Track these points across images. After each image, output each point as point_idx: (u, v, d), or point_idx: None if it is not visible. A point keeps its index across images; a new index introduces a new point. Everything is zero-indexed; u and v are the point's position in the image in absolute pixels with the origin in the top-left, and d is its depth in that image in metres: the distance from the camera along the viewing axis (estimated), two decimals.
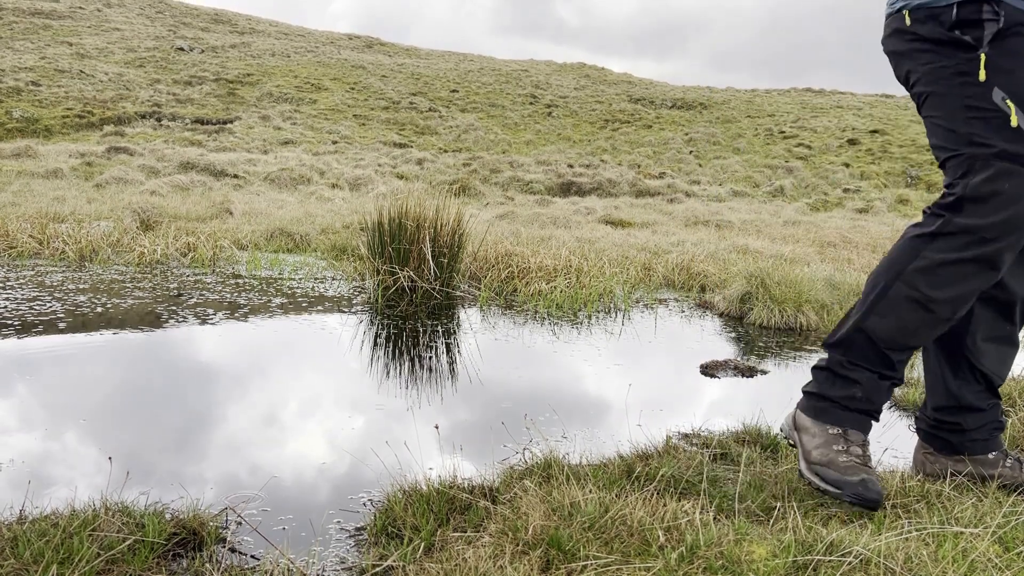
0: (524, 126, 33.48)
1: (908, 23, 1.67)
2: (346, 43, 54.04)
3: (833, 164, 25.60)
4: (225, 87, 34.94)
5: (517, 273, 4.82)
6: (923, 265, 1.63)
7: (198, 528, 1.50)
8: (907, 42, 1.69)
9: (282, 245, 6.25)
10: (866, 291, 1.75)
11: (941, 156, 1.66)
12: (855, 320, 1.73)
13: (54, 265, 4.76)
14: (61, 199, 8.28)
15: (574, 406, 2.49)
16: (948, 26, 1.59)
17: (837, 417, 1.72)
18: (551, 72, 47.73)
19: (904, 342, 1.69)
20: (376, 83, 39.12)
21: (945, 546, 1.41)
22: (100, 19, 46.63)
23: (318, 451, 2.03)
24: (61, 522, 1.42)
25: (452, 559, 1.37)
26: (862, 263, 6.66)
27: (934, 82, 1.63)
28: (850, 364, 1.72)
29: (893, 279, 1.68)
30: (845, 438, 1.68)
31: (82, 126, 26.39)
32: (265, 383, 2.63)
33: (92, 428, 2.11)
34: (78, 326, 3.23)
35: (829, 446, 1.67)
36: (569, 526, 1.47)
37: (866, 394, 1.70)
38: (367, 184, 15.19)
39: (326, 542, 1.52)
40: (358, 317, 3.72)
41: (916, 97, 1.72)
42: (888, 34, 1.78)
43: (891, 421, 2.46)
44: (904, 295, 1.65)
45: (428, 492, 1.63)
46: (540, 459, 1.85)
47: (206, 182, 12.71)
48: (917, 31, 1.65)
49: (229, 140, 24.78)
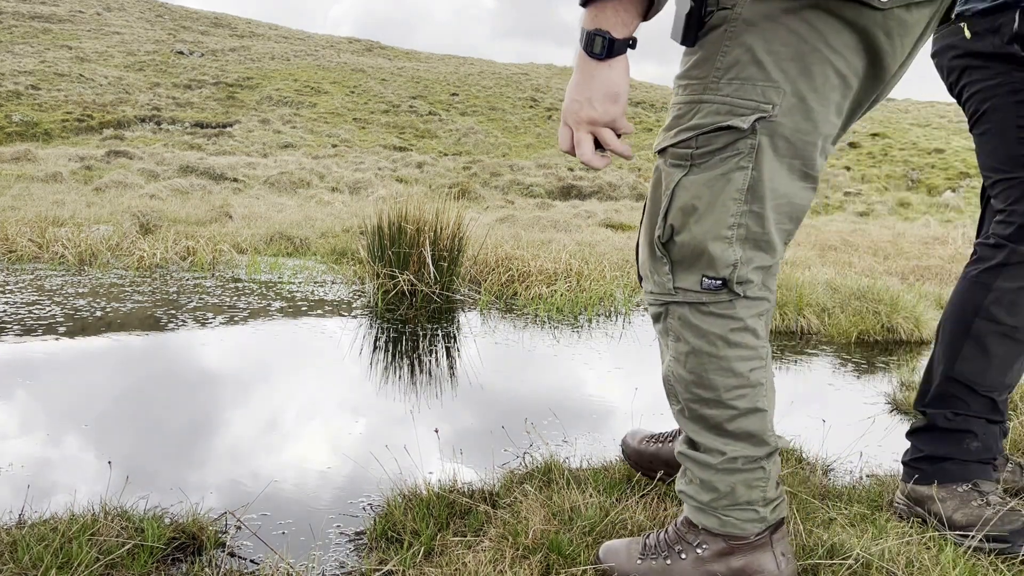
0: (524, 129, 33.52)
1: (967, 35, 1.60)
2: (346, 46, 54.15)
3: (834, 167, 25.64)
4: (225, 91, 35.00)
5: (517, 277, 4.82)
6: (998, 297, 1.58)
7: (198, 532, 1.50)
8: (961, 57, 1.63)
9: (282, 249, 6.25)
10: (942, 340, 1.68)
11: (992, 177, 1.62)
12: (942, 371, 1.65)
13: (53, 269, 4.76)
14: (60, 203, 8.28)
15: (574, 410, 2.48)
16: (1008, 38, 1.52)
17: (960, 473, 1.60)
18: (552, 75, 47.80)
19: (1002, 379, 1.62)
20: (376, 87, 39.20)
21: (947, 550, 1.41)
22: (100, 23, 46.72)
23: (318, 455, 2.02)
24: (60, 527, 1.42)
25: (452, 564, 1.36)
26: (863, 266, 6.66)
27: (988, 99, 1.58)
28: (955, 415, 1.63)
29: (971, 319, 1.61)
30: (978, 490, 1.57)
31: (81, 130, 26.42)
32: (265, 387, 2.63)
33: (91, 432, 2.11)
34: (77, 330, 3.23)
35: (968, 504, 1.55)
36: (569, 530, 1.47)
37: (983, 442, 1.61)
38: (367, 188, 15.21)
39: (326, 547, 1.52)
40: (358, 321, 3.72)
41: (969, 114, 1.66)
42: (941, 47, 1.69)
43: (893, 425, 2.46)
44: (989, 331, 1.60)
45: (428, 496, 1.63)
46: (540, 463, 1.85)
47: (206, 186, 12.71)
48: (974, 46, 1.59)
49: (229, 144, 24.81)
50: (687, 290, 1.13)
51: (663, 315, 1.19)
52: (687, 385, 1.19)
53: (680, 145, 1.10)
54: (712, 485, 1.20)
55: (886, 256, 7.96)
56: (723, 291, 1.11)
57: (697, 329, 1.14)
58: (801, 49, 1.03)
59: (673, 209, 1.11)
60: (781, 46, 1.03)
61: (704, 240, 1.09)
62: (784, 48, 1.03)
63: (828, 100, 1.07)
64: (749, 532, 1.20)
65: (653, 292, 1.19)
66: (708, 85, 1.07)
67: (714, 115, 1.06)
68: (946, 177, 23.79)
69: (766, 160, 1.07)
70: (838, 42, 1.03)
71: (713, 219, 1.09)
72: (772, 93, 1.04)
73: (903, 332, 3.88)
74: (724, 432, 1.18)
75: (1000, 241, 1.60)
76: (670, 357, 1.21)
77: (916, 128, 30.86)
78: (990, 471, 1.62)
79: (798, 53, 1.03)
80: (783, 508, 1.24)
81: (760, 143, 1.06)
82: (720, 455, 1.19)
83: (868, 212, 17.63)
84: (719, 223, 1.09)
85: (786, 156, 1.08)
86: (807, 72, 1.04)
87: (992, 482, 1.60)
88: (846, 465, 2.03)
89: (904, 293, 4.20)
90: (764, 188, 1.08)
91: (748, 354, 1.16)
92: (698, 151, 1.08)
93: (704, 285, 1.11)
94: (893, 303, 3.99)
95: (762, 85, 1.04)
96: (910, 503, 1.65)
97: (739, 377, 1.15)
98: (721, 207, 1.08)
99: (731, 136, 1.06)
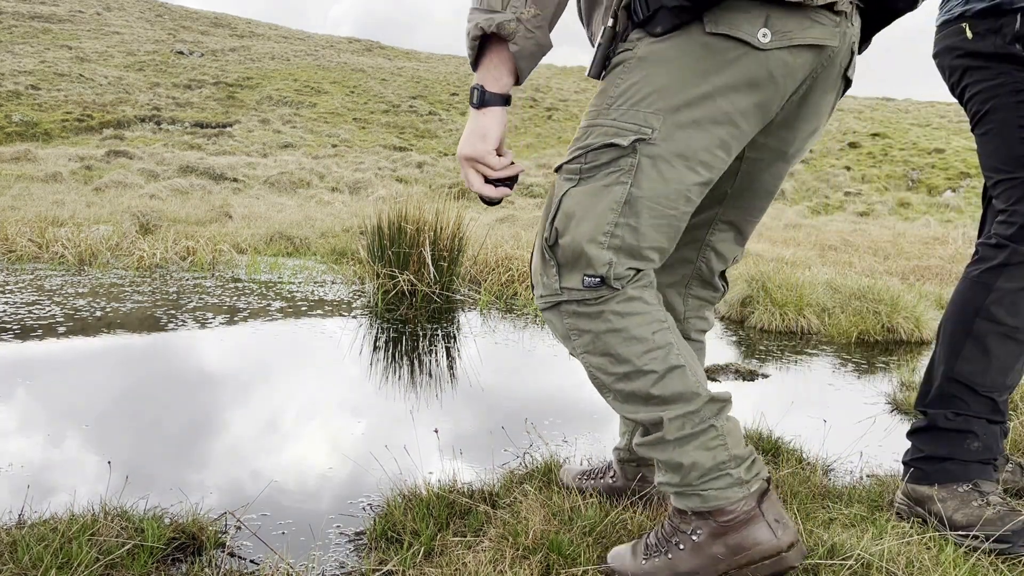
0: (524, 129, 33.53)
1: (969, 36, 1.60)
2: (346, 46, 54.17)
3: (834, 167, 25.64)
4: (225, 91, 35.01)
5: (517, 277, 4.82)
6: (999, 298, 1.58)
7: (197, 533, 1.50)
8: (963, 57, 1.63)
9: (282, 249, 6.25)
10: (943, 340, 1.68)
11: (994, 177, 1.61)
12: (943, 371, 1.65)
13: (53, 269, 4.76)
14: (60, 203, 8.28)
15: (575, 410, 2.48)
16: (1010, 38, 1.52)
17: (961, 473, 1.60)
18: (551, 75, 47.78)
19: (1003, 380, 1.62)
20: (376, 86, 39.20)
21: (947, 550, 1.40)
22: (100, 23, 46.74)
23: (318, 456, 2.02)
24: (60, 527, 1.42)
25: (452, 564, 1.36)
26: (863, 266, 6.66)
27: (990, 99, 1.58)
28: (956, 415, 1.62)
29: (971, 319, 1.61)
30: (979, 491, 1.56)
31: (81, 130, 26.43)
32: (265, 387, 2.63)
33: (91, 432, 2.11)
34: (77, 330, 3.23)
35: (968, 504, 1.54)
36: (569, 531, 1.46)
37: (983, 442, 1.60)
38: (367, 188, 15.22)
39: (326, 547, 1.52)
40: (358, 321, 3.72)
41: (971, 114, 1.66)
42: (942, 47, 1.69)
43: (893, 425, 2.46)
44: (989, 331, 1.60)
45: (428, 497, 1.63)
46: (541, 463, 1.85)
47: (205, 186, 12.72)
48: (976, 46, 1.59)
49: (228, 144, 24.82)
50: (571, 288, 1.23)
51: (557, 318, 1.28)
52: (604, 369, 1.25)
53: (572, 161, 1.24)
54: (675, 462, 1.23)
55: (886, 256, 7.96)
56: (603, 287, 1.21)
57: (588, 317, 1.23)
58: (686, 84, 1.16)
59: (559, 215, 1.23)
60: (668, 81, 1.16)
61: (581, 242, 1.20)
62: (670, 83, 1.16)
63: (710, 133, 1.18)
64: (734, 499, 1.20)
65: (544, 296, 1.28)
66: (602, 111, 1.21)
67: (602, 136, 1.20)
68: (946, 177, 23.79)
69: (645, 179, 1.19)
70: (720, 80, 1.16)
71: (591, 224, 1.20)
72: (653, 119, 1.17)
73: (903, 332, 3.88)
74: (654, 399, 1.23)
75: (1002, 241, 1.60)
76: (581, 353, 1.27)
77: (916, 128, 30.87)
78: (991, 471, 1.61)
79: (682, 87, 1.16)
80: (760, 466, 1.24)
81: (640, 163, 1.18)
82: (662, 426, 1.23)
83: (868, 212, 17.63)
84: (596, 228, 1.20)
85: (665, 178, 1.19)
86: (689, 104, 1.16)
87: (993, 482, 1.60)
88: (846, 465, 2.03)
89: (904, 293, 4.20)
90: (641, 204, 1.19)
91: (644, 319, 1.23)
92: (586, 166, 1.21)
93: (585, 283, 1.21)
94: (893, 303, 3.99)
95: (645, 112, 1.17)
96: (911, 503, 1.65)
97: (644, 342, 1.22)
98: (599, 215, 1.20)
99: (614, 153, 1.19)
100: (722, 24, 1.13)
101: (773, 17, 1.13)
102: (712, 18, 1.13)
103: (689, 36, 1.15)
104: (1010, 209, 1.58)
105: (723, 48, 1.14)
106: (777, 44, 1.14)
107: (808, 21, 1.15)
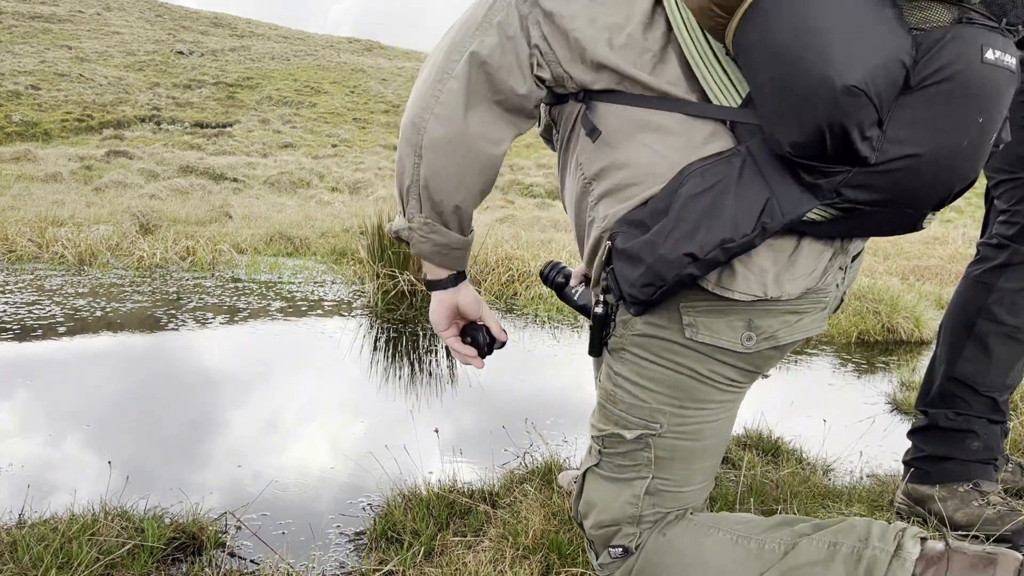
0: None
1: None
2: (346, 46, 54.20)
3: None
4: (224, 91, 35.02)
5: (517, 277, 4.82)
6: (1000, 297, 1.59)
7: (197, 533, 1.50)
8: None
9: (281, 249, 6.25)
10: (944, 340, 1.68)
11: (996, 178, 1.61)
12: (944, 371, 1.65)
13: (53, 269, 4.76)
14: (60, 203, 8.28)
15: (575, 410, 2.48)
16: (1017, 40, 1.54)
17: (961, 473, 1.60)
18: None
19: (1004, 379, 1.62)
20: (376, 86, 39.22)
21: None
22: (100, 23, 46.76)
23: (318, 456, 2.02)
24: (60, 527, 1.42)
25: (452, 564, 1.36)
26: (863, 266, 6.66)
27: None
28: (956, 415, 1.62)
29: (972, 319, 1.61)
30: (979, 490, 1.57)
31: (81, 130, 26.44)
32: (265, 388, 2.63)
33: (91, 433, 2.11)
34: (77, 330, 3.23)
35: (968, 504, 1.55)
36: (569, 530, 1.47)
37: (984, 442, 1.60)
38: (367, 188, 15.22)
39: (326, 547, 1.52)
40: (358, 321, 3.72)
41: None
42: None
43: (893, 425, 2.46)
44: (990, 331, 1.60)
45: (428, 497, 1.63)
46: (541, 464, 1.85)
47: (205, 186, 12.72)
48: None
49: (228, 144, 24.82)
50: (605, 564, 1.22)
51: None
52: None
53: (593, 440, 1.23)
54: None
55: (886, 256, 7.97)
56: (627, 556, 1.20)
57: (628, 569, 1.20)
58: (677, 380, 1.13)
59: (582, 501, 1.24)
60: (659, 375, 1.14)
61: (600, 527, 1.21)
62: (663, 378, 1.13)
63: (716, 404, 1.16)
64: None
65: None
66: (610, 394, 1.19)
67: (613, 425, 1.18)
68: None
69: (663, 468, 1.17)
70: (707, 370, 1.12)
71: (610, 515, 1.20)
72: (658, 415, 1.15)
73: (903, 332, 3.88)
74: None
75: (1003, 241, 1.60)
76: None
77: None
78: (991, 471, 1.62)
79: (675, 383, 1.13)
80: None
81: (655, 456, 1.17)
82: None
83: None
84: (617, 519, 1.19)
85: (685, 460, 1.17)
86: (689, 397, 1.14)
87: (993, 482, 1.60)
88: (846, 465, 2.03)
89: (904, 293, 4.20)
90: (664, 488, 1.18)
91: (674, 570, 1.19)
92: (605, 450, 1.21)
93: (612, 555, 1.20)
94: (893, 303, 3.99)
95: (648, 407, 1.15)
96: (911, 503, 1.65)
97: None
98: (619, 508, 1.19)
99: (627, 447, 1.18)
100: (702, 332, 1.09)
101: (756, 320, 1.08)
102: (690, 321, 1.09)
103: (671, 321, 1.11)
104: (1012, 209, 1.58)
105: (708, 351, 1.10)
106: (764, 346, 1.10)
107: (794, 316, 1.10)
